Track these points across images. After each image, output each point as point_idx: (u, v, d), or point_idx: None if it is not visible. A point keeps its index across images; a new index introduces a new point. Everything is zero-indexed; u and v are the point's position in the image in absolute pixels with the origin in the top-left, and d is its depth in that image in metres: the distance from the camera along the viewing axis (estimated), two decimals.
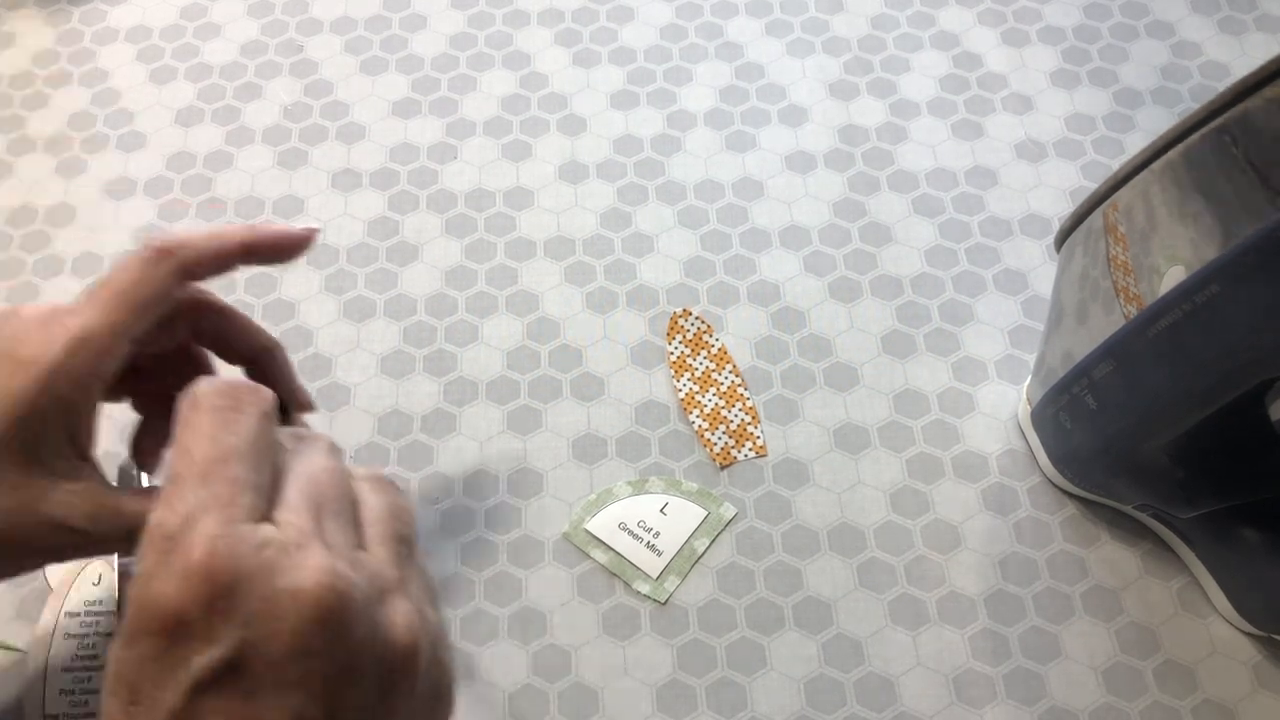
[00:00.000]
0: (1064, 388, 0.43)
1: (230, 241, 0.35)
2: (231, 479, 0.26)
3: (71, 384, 0.32)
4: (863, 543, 0.47)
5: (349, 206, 0.57)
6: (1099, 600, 0.46)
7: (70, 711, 0.43)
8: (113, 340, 0.32)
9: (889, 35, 0.63)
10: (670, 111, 0.60)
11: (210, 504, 0.25)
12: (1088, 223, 0.40)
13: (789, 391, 0.51)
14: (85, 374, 0.32)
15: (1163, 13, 0.63)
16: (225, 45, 0.63)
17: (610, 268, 0.55)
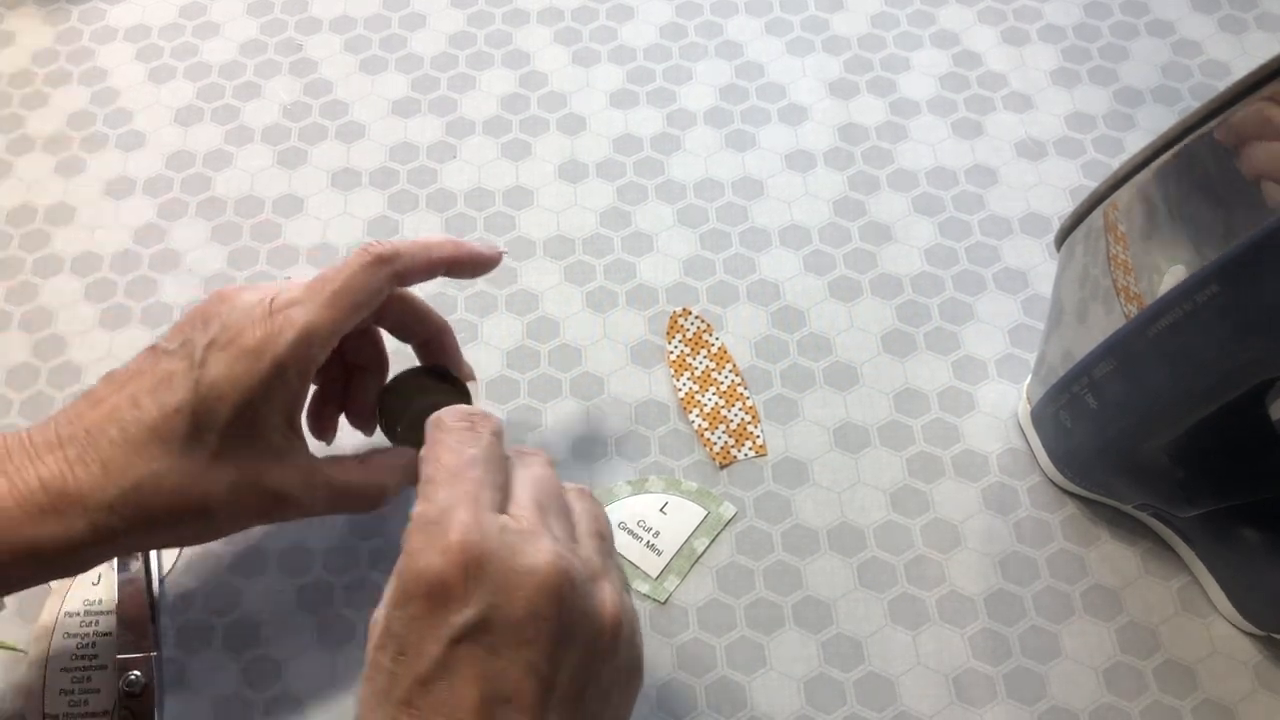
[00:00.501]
0: (1064, 387, 0.43)
1: (439, 255, 0.41)
2: (475, 479, 0.32)
3: (296, 373, 0.37)
4: (862, 542, 0.47)
5: (348, 206, 0.57)
6: (1099, 600, 0.46)
7: (69, 711, 0.43)
8: (331, 335, 0.38)
9: (889, 34, 0.63)
10: (670, 110, 0.60)
11: (461, 498, 0.31)
12: (1088, 221, 0.40)
13: (789, 391, 0.51)
14: (307, 364, 0.37)
15: (1163, 11, 0.63)
16: (224, 44, 0.63)
17: (610, 267, 0.55)
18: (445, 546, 0.30)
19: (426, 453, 0.34)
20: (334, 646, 0.45)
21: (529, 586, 0.30)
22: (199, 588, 0.46)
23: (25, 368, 0.52)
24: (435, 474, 0.33)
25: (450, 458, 0.33)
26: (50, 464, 0.35)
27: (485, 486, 0.32)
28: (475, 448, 0.34)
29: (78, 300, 0.54)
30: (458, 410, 0.35)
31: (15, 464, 0.35)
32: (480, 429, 0.35)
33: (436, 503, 0.31)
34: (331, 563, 0.47)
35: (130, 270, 0.55)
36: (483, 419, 0.35)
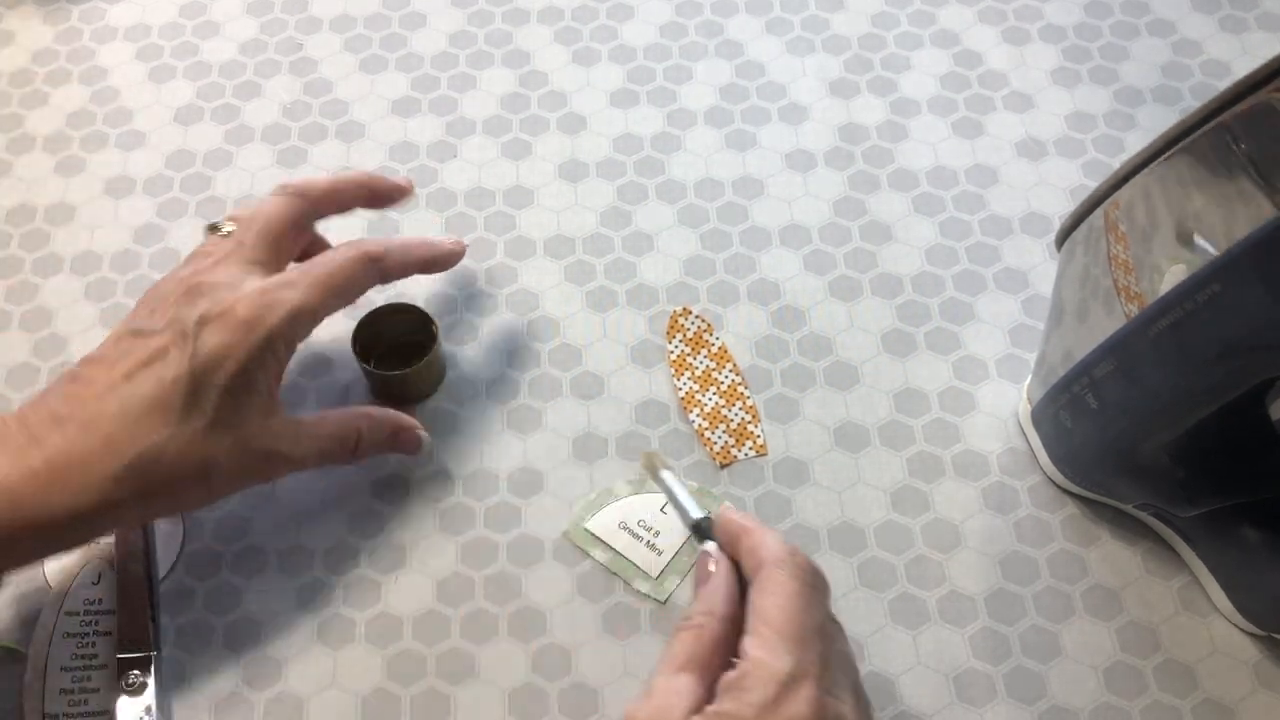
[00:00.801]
0: (1064, 386, 0.43)
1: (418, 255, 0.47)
2: (819, 654, 0.33)
3: (284, 345, 0.41)
4: (863, 542, 0.47)
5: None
6: (1099, 599, 0.46)
7: (69, 711, 0.43)
8: (317, 316, 0.42)
9: (889, 33, 0.63)
10: (670, 110, 0.60)
11: (808, 671, 0.32)
12: (1089, 221, 0.40)
13: (789, 390, 0.51)
14: (293, 339, 0.41)
15: (1164, 11, 0.63)
16: (224, 44, 0.63)
17: (610, 266, 0.55)
18: (792, 718, 0.31)
19: (770, 589, 0.35)
20: (334, 646, 0.45)
21: None
22: (199, 588, 0.46)
23: (25, 367, 0.52)
24: (783, 628, 0.33)
25: (799, 615, 0.34)
26: (54, 441, 0.37)
27: (826, 664, 0.33)
28: (820, 615, 0.35)
29: (77, 300, 0.54)
30: (808, 563, 0.36)
31: (16, 444, 0.37)
32: (820, 593, 0.36)
33: (784, 662, 0.32)
34: (331, 563, 0.47)
35: (130, 270, 0.55)
36: (821, 581, 0.36)
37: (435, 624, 0.45)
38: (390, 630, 0.45)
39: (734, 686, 0.32)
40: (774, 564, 0.35)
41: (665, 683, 0.33)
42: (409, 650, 0.45)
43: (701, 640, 0.34)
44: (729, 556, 0.38)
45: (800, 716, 0.31)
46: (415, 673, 0.44)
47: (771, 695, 0.31)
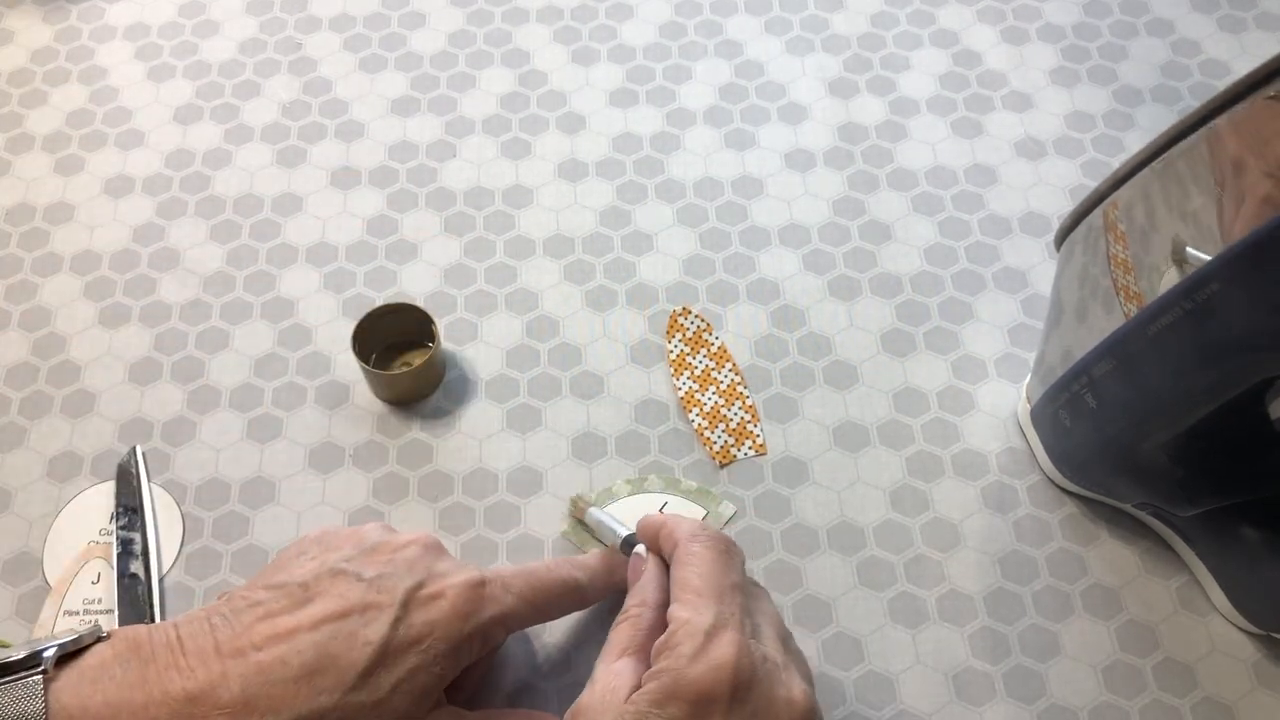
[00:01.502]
0: (1064, 386, 0.43)
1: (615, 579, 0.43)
2: (740, 605, 0.35)
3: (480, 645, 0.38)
4: (862, 541, 0.47)
5: (348, 204, 0.57)
6: (1098, 598, 0.46)
7: None
8: (520, 626, 0.40)
9: (889, 33, 0.63)
10: (669, 109, 0.60)
11: (729, 619, 0.34)
12: (1088, 221, 0.40)
13: (788, 390, 0.51)
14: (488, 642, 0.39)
15: (1162, 10, 0.63)
16: (223, 43, 0.63)
17: (609, 266, 0.55)
18: (718, 662, 0.32)
19: (685, 559, 0.37)
20: None
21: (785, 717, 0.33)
22: (198, 587, 0.46)
23: (24, 367, 0.52)
24: (701, 587, 0.35)
25: (715, 575, 0.36)
26: (201, 675, 0.34)
27: (745, 613, 0.35)
28: (735, 575, 0.37)
29: (76, 299, 0.54)
30: (712, 531, 0.38)
31: (162, 662, 0.34)
32: (734, 556, 0.38)
33: (706, 616, 0.34)
34: None
35: (129, 269, 0.55)
36: (733, 546, 0.38)
37: None
38: None
39: (664, 647, 0.34)
40: (688, 539, 0.38)
41: (606, 669, 0.35)
42: None
43: (638, 628, 0.37)
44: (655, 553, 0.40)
45: (725, 657, 0.33)
46: None
47: (698, 645, 0.33)
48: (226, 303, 0.54)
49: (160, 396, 0.51)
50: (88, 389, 0.51)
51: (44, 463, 0.49)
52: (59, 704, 0.32)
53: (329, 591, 0.36)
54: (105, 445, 0.50)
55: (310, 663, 0.34)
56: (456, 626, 0.36)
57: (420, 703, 0.36)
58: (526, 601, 0.39)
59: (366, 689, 0.34)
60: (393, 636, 0.35)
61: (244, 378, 0.52)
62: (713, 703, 0.32)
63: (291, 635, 0.35)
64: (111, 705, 0.33)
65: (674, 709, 0.32)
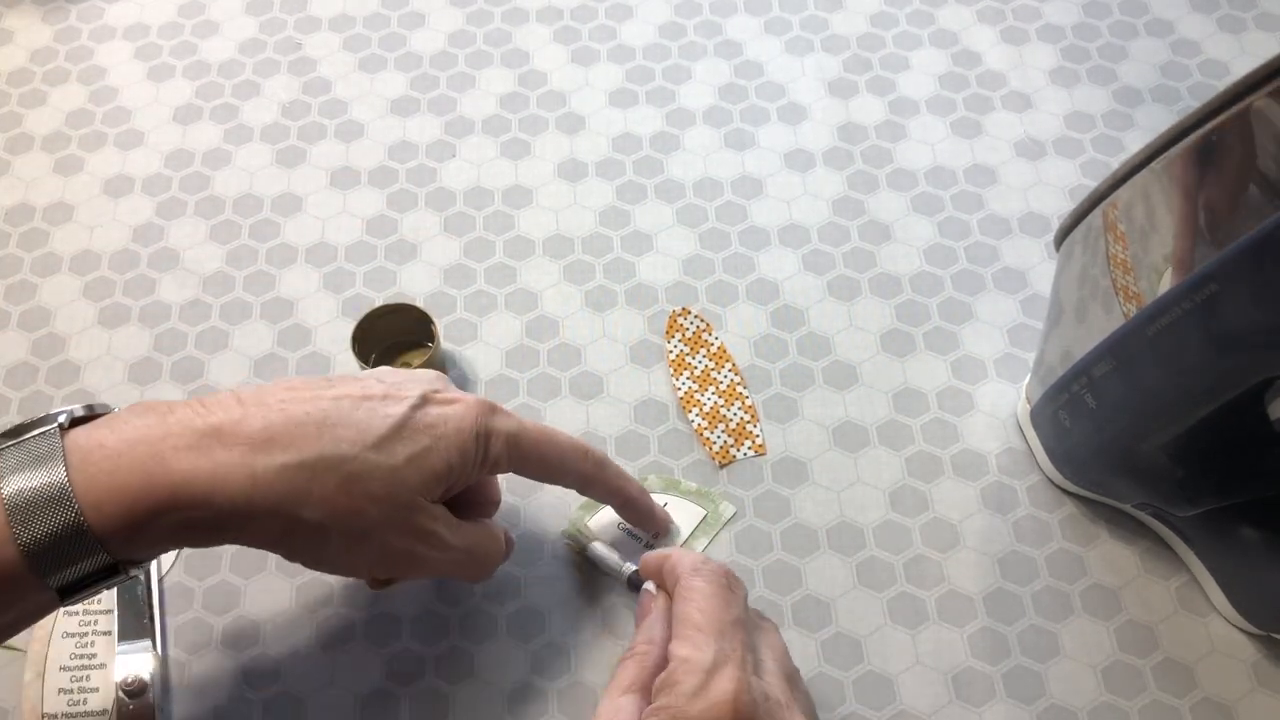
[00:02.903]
0: (1063, 386, 0.43)
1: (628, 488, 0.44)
2: (740, 641, 0.35)
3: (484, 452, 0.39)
4: (862, 541, 0.47)
5: (347, 204, 0.57)
6: (1098, 599, 0.46)
7: (68, 710, 0.43)
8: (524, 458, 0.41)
9: (888, 33, 0.63)
10: (669, 110, 0.60)
11: (730, 656, 0.34)
12: (1087, 221, 0.40)
13: (788, 390, 0.51)
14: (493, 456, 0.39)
15: (1162, 11, 0.63)
16: (223, 43, 0.63)
17: (609, 266, 0.55)
18: (718, 700, 0.33)
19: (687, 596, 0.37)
20: (333, 646, 0.45)
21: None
22: (198, 587, 0.46)
23: (24, 366, 0.52)
24: (702, 623, 0.35)
25: (716, 611, 0.36)
26: (223, 416, 0.35)
27: (747, 650, 0.35)
28: (737, 609, 0.37)
29: (76, 299, 0.54)
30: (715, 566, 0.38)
31: (186, 412, 0.35)
32: (736, 591, 0.38)
33: (706, 653, 0.34)
34: None
35: (129, 269, 0.55)
36: (735, 581, 0.38)
37: (434, 624, 0.45)
38: (389, 630, 0.45)
39: (665, 684, 0.34)
40: (689, 574, 0.38)
41: (610, 704, 0.36)
42: (408, 650, 0.45)
43: (644, 665, 0.37)
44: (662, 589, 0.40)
45: (725, 695, 0.33)
46: (414, 673, 0.44)
47: (699, 683, 0.33)
48: (226, 303, 0.54)
49: (160, 396, 0.51)
50: (87, 389, 0.51)
51: None
52: (74, 444, 0.33)
53: (352, 384, 0.38)
54: None
55: (332, 417, 0.36)
56: (469, 423, 0.38)
57: (428, 484, 0.37)
58: (533, 434, 0.40)
59: (383, 451, 0.36)
60: (410, 416, 0.37)
61: (244, 378, 0.51)
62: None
63: (315, 400, 0.36)
64: (128, 440, 0.33)
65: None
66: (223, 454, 0.34)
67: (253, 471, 0.34)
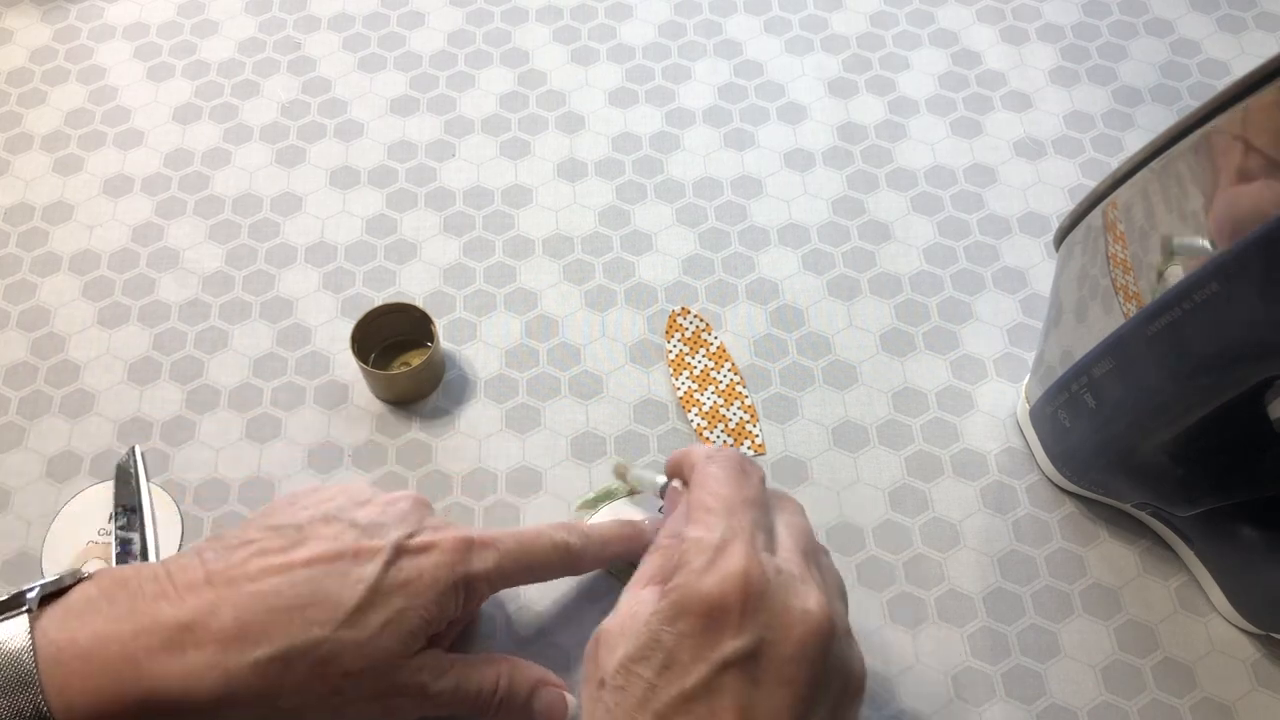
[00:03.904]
0: (1063, 386, 0.43)
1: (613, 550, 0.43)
2: (752, 519, 0.34)
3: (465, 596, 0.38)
4: (861, 541, 0.47)
5: (347, 204, 0.57)
6: (1098, 598, 0.46)
7: None
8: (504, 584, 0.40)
9: (888, 33, 0.63)
10: (669, 109, 0.60)
11: (739, 533, 0.33)
12: (1087, 221, 0.40)
13: (788, 390, 0.51)
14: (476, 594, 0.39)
15: (1162, 10, 0.63)
16: (223, 42, 0.63)
17: (609, 266, 0.55)
18: (728, 574, 0.32)
19: (701, 481, 0.36)
20: None
21: (800, 628, 0.32)
22: None
23: (23, 366, 0.52)
24: (713, 504, 0.35)
25: (727, 492, 0.35)
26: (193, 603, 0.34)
27: (759, 528, 0.34)
28: (750, 490, 0.36)
29: (76, 298, 0.54)
30: (729, 451, 0.38)
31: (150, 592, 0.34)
32: (751, 474, 0.37)
33: (716, 531, 0.33)
34: None
35: (128, 269, 0.55)
36: (752, 465, 0.37)
37: None
38: None
39: (678, 566, 0.33)
40: (704, 461, 0.37)
41: (631, 596, 0.35)
42: None
43: (667, 558, 0.36)
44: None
45: (734, 569, 0.32)
46: None
47: (708, 560, 0.32)
48: (225, 302, 0.54)
49: (159, 396, 0.51)
50: (87, 389, 0.51)
51: (43, 462, 0.49)
52: (46, 639, 0.33)
53: (323, 534, 0.37)
54: (104, 445, 0.49)
55: (304, 595, 0.35)
56: (445, 574, 0.37)
57: (406, 644, 0.36)
58: (513, 558, 0.39)
59: (357, 626, 0.35)
60: (384, 577, 0.36)
61: (243, 377, 0.51)
62: (724, 615, 0.31)
63: (286, 569, 0.35)
64: (100, 637, 0.33)
65: (685, 624, 0.32)
66: (195, 654, 0.33)
67: (226, 670, 0.33)
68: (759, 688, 0.31)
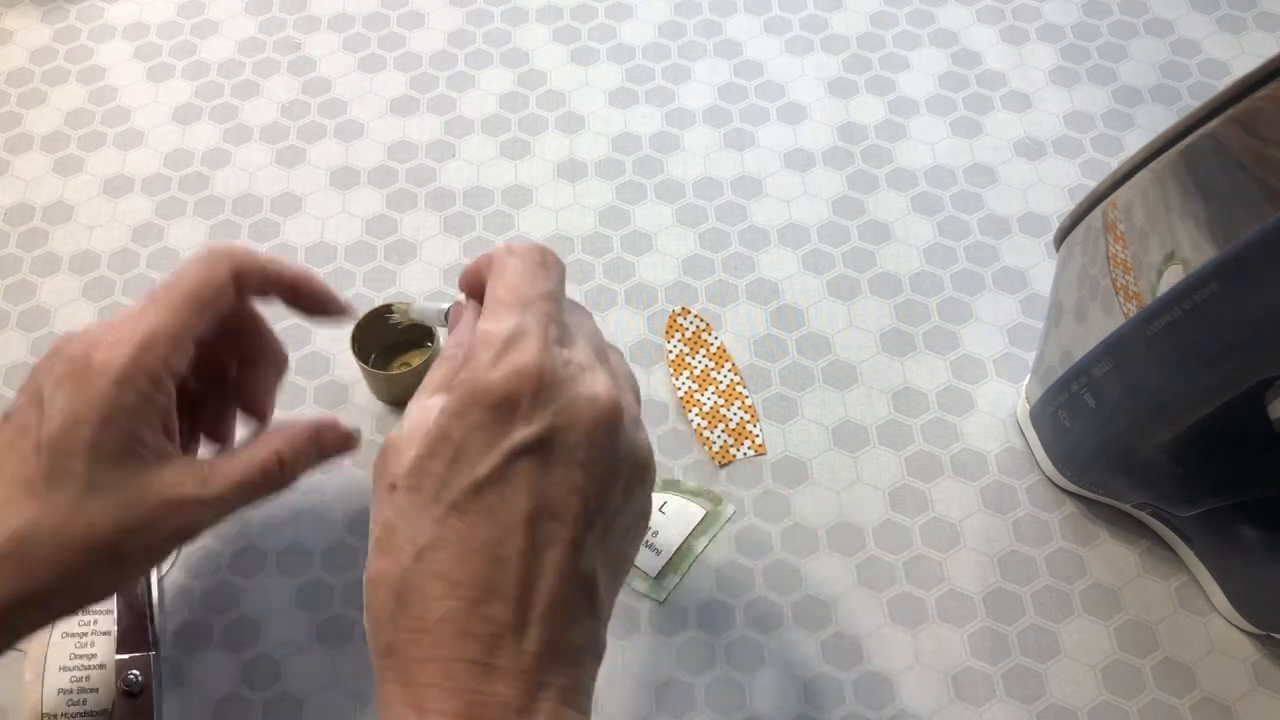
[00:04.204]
0: (1063, 386, 0.43)
1: (285, 271, 0.41)
2: (546, 312, 0.33)
3: (150, 381, 0.35)
4: (862, 541, 0.47)
5: (347, 204, 0.57)
6: (1098, 598, 0.46)
7: (68, 710, 0.43)
8: (175, 339, 0.36)
9: (888, 33, 0.63)
10: (669, 109, 0.60)
11: (532, 326, 0.32)
12: (1087, 221, 0.40)
13: (788, 390, 0.51)
14: (156, 371, 0.36)
15: (1162, 10, 0.63)
16: (223, 43, 0.63)
17: (609, 266, 0.55)
18: (518, 366, 0.31)
19: (497, 273, 0.34)
20: (333, 646, 0.45)
21: (589, 413, 0.31)
22: (198, 587, 0.46)
23: (23, 367, 0.52)
24: (506, 297, 0.33)
25: (523, 286, 0.34)
26: None
27: (554, 321, 0.33)
28: (547, 285, 0.34)
29: (75, 299, 0.54)
30: (530, 244, 0.36)
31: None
32: (551, 267, 0.35)
33: (507, 323, 0.32)
34: (330, 562, 0.47)
35: (128, 269, 0.55)
36: (553, 259, 0.36)
37: None
38: None
39: (467, 359, 0.32)
40: (503, 252, 0.35)
41: (418, 405, 0.33)
42: None
43: (454, 367, 0.34)
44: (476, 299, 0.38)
45: (523, 360, 0.31)
46: None
47: (497, 352, 0.31)
48: None
49: None
50: None
51: None
52: None
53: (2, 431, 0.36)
54: None
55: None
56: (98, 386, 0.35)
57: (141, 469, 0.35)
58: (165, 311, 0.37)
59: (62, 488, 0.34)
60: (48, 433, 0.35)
61: None
62: (513, 406, 0.30)
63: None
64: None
65: (474, 416, 0.31)
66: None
67: None
68: (550, 472, 0.31)
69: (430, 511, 0.30)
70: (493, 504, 0.30)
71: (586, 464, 0.31)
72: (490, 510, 0.30)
